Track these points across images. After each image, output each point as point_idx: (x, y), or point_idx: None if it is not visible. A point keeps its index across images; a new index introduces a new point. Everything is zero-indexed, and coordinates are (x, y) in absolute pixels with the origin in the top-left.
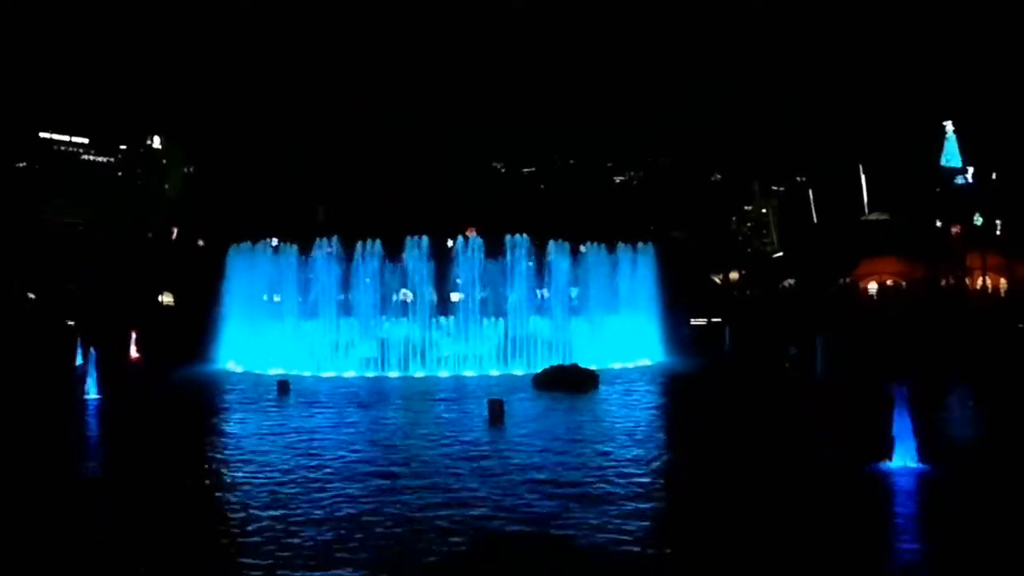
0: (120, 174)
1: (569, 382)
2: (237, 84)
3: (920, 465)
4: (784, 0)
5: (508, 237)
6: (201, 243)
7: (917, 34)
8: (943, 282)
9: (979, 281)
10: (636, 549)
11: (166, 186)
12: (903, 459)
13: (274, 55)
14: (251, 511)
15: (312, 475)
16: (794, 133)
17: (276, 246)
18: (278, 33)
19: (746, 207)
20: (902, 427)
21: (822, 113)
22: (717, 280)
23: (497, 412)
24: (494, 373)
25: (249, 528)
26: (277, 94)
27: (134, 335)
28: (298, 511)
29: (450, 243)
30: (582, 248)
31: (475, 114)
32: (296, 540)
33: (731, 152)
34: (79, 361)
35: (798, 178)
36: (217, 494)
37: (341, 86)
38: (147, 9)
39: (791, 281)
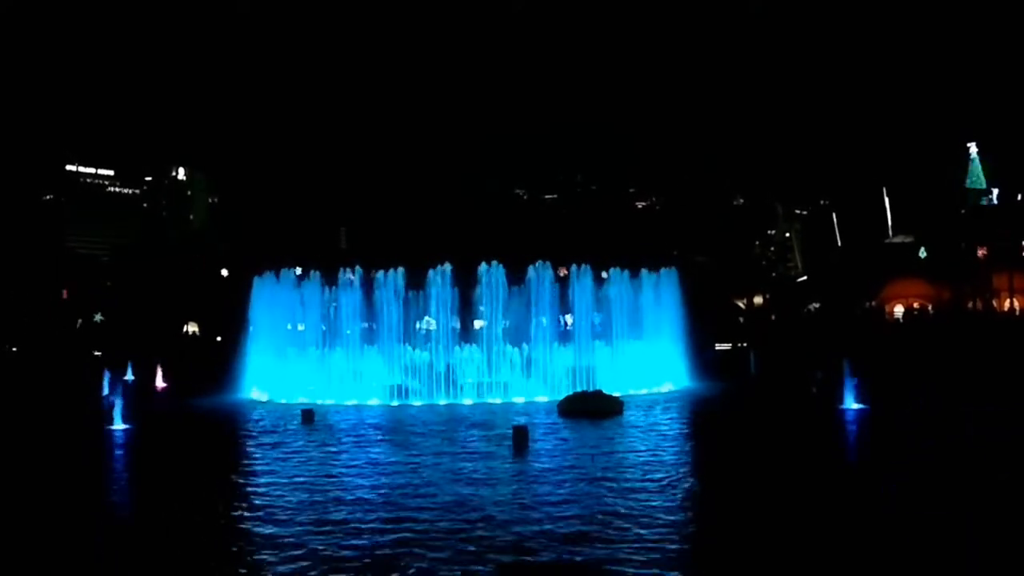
0: (145, 205)
1: (593, 408)
2: (259, 112)
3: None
4: (807, 27)
5: (531, 264)
6: (225, 272)
7: (941, 56)
8: (970, 304)
9: (1006, 303)
10: None
11: (191, 216)
12: None
13: (296, 83)
14: (280, 554)
15: (333, 506)
16: (817, 156)
17: (300, 275)
18: (301, 60)
19: (769, 231)
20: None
21: (845, 136)
22: (741, 304)
23: (522, 440)
24: (518, 400)
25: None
26: (299, 121)
27: (160, 365)
28: (321, 544)
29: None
30: (605, 274)
31: (497, 142)
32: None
33: (754, 176)
34: (105, 391)
35: (821, 201)
36: (236, 537)
37: (364, 113)
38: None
39: (816, 305)
